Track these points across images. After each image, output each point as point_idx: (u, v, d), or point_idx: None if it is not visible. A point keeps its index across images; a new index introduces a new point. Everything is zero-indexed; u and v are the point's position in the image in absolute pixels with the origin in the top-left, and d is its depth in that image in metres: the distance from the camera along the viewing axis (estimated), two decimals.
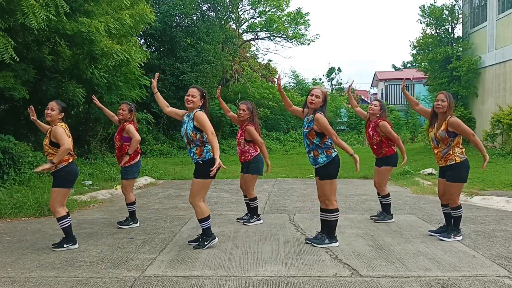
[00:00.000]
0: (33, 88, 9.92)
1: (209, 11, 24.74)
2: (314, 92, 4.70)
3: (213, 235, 4.82)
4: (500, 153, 12.84)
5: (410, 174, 10.88)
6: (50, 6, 7.49)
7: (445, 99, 4.80)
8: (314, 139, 4.66)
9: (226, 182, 10.68)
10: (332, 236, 4.81)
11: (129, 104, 5.97)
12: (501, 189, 8.18)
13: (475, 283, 3.65)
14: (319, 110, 4.65)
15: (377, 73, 38.98)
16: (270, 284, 3.67)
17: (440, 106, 4.82)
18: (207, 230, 4.76)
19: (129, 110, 5.89)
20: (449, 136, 4.79)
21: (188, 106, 4.66)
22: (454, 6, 16.80)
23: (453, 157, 4.80)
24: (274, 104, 26.01)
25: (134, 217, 5.98)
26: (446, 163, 4.87)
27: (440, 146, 4.90)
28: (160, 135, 20.28)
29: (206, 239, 4.75)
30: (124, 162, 5.75)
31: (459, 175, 4.84)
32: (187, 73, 20.03)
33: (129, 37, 11.30)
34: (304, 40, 28.90)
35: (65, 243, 4.80)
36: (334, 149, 4.75)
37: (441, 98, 4.84)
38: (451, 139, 4.79)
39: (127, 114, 5.87)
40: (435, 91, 17.60)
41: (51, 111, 4.76)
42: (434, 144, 4.96)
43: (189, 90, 4.70)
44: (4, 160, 8.08)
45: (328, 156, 4.67)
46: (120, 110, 5.89)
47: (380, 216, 6.05)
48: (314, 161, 4.75)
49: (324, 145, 4.66)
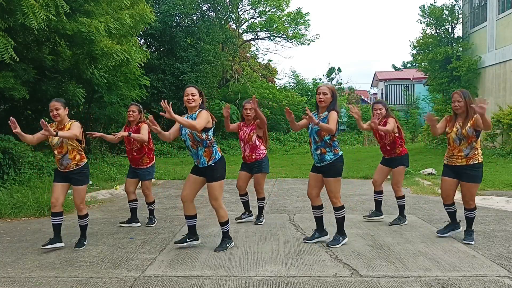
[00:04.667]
0: (33, 88, 9.92)
1: (209, 11, 24.74)
2: (321, 90, 4.69)
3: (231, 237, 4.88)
4: (500, 153, 12.84)
5: (410, 174, 10.87)
6: (50, 6, 7.49)
7: (460, 99, 4.73)
8: (325, 137, 4.65)
9: (226, 182, 10.60)
10: (343, 233, 4.89)
11: (137, 105, 5.92)
12: (501, 189, 8.17)
13: (475, 283, 3.65)
14: (331, 107, 4.65)
15: (377, 73, 38.96)
16: (270, 284, 3.67)
17: (458, 106, 4.75)
18: (228, 233, 4.79)
19: (138, 111, 5.86)
20: (475, 134, 4.71)
21: (190, 105, 4.52)
22: (454, 6, 16.79)
23: (477, 157, 4.74)
24: (274, 104, 26.01)
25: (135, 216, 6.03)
26: (468, 162, 4.74)
27: (462, 144, 4.75)
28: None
29: (229, 242, 4.78)
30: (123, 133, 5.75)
31: (480, 175, 4.81)
32: (187, 73, 20.02)
33: (129, 37, 11.28)
34: (304, 40, 28.91)
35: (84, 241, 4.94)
36: (339, 148, 4.80)
37: (456, 99, 4.77)
38: (475, 139, 4.71)
39: (137, 115, 5.83)
40: (435, 91, 17.61)
41: (57, 111, 4.69)
42: (457, 143, 4.79)
43: (187, 90, 4.55)
44: (4, 160, 8.08)
45: (335, 154, 4.70)
46: (130, 112, 5.83)
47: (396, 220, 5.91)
48: (320, 158, 4.73)
49: (333, 144, 4.68)
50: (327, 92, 4.66)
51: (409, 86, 34.69)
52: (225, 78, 27.22)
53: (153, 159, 5.99)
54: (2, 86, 8.48)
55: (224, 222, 4.69)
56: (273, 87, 29.11)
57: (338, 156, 4.72)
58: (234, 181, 10.16)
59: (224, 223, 4.70)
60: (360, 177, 11.31)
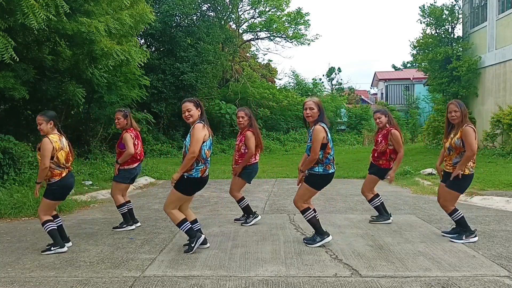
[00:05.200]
0: (33, 88, 9.93)
1: (209, 11, 24.76)
2: (307, 105, 4.69)
3: (197, 233, 4.69)
4: (500, 153, 12.84)
5: (410, 174, 10.88)
6: (50, 6, 7.49)
7: (457, 109, 4.77)
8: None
9: (226, 182, 10.67)
10: (321, 232, 4.79)
11: (122, 111, 5.79)
12: (501, 189, 8.17)
13: (475, 283, 3.65)
14: (318, 120, 4.64)
15: (377, 73, 38.97)
16: (270, 284, 3.67)
17: (455, 117, 4.79)
18: (188, 231, 4.64)
19: (124, 116, 5.72)
20: (463, 146, 4.73)
21: (188, 122, 4.51)
22: (454, 6, 16.79)
23: (464, 168, 4.74)
24: (274, 104, 26.02)
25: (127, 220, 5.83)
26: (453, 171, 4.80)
27: (452, 154, 4.84)
28: (160, 135, 20.29)
29: (192, 241, 4.65)
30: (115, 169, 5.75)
31: (461, 186, 4.81)
32: (187, 73, 20.02)
33: (129, 37, 11.29)
34: (304, 40, 28.96)
35: (53, 246, 4.71)
36: (333, 166, 4.75)
37: (453, 109, 4.80)
38: (463, 150, 4.72)
39: (123, 121, 5.72)
40: (435, 91, 17.61)
41: (40, 125, 4.69)
42: (447, 153, 4.90)
43: (183, 106, 4.50)
44: (4, 160, 8.08)
45: (325, 169, 4.67)
46: (116, 120, 5.78)
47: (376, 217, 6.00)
48: (310, 168, 4.71)
49: (326, 160, 4.64)
50: (314, 107, 4.66)
51: (409, 86, 34.70)
52: (225, 78, 27.23)
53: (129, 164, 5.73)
54: (2, 86, 8.48)
55: (177, 224, 4.58)
56: (273, 87, 29.13)
57: (327, 172, 4.68)
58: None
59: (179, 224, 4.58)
60: (360, 177, 11.30)
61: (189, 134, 4.47)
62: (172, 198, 4.58)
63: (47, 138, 4.63)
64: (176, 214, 4.60)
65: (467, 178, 4.80)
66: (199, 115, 4.51)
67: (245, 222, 5.93)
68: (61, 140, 4.75)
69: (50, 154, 4.58)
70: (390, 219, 5.93)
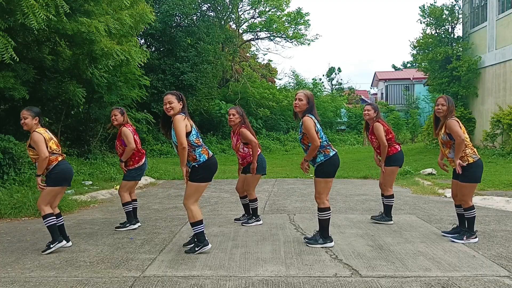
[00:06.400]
0: (33, 88, 9.92)
1: (209, 11, 24.78)
2: (297, 96, 4.72)
3: (206, 241, 4.64)
4: (500, 153, 12.85)
5: (410, 174, 10.88)
6: (50, 6, 7.49)
7: (444, 103, 4.82)
8: (309, 143, 4.65)
9: (226, 182, 10.68)
10: (325, 236, 4.78)
11: (119, 108, 5.88)
12: (501, 189, 8.18)
13: (475, 283, 3.65)
14: (306, 112, 4.65)
15: (377, 73, 38.98)
16: (270, 284, 3.67)
17: (440, 110, 4.84)
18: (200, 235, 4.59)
19: (121, 113, 5.78)
20: (450, 139, 4.79)
21: (169, 114, 4.46)
22: (454, 6, 16.80)
23: (466, 158, 4.76)
24: (274, 104, 26.03)
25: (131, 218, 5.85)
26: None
27: (445, 149, 4.92)
28: (160, 135, 20.27)
29: (199, 245, 4.59)
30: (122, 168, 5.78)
31: (472, 175, 4.80)
32: (187, 73, 20.03)
33: (129, 37, 11.29)
34: (304, 40, 28.96)
35: (51, 244, 4.69)
36: (332, 148, 4.75)
37: (441, 102, 4.86)
38: (452, 142, 4.78)
39: (120, 118, 5.76)
40: (435, 91, 17.61)
41: (24, 120, 4.71)
42: (442, 148, 5.00)
43: (164, 98, 4.46)
44: (4, 160, 8.08)
45: (325, 155, 4.68)
46: (112, 117, 5.79)
47: (378, 216, 6.02)
48: (313, 161, 4.76)
49: (320, 146, 4.65)
50: (303, 98, 4.66)
51: (409, 86, 34.71)
52: (225, 78, 27.24)
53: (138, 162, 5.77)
54: (2, 86, 8.48)
55: (193, 223, 4.53)
56: (273, 87, 29.15)
57: (329, 157, 4.68)
58: (234, 181, 10.18)
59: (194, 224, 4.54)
60: (360, 177, 11.31)
61: (172, 129, 4.42)
62: (192, 189, 4.49)
63: (35, 132, 4.68)
64: (195, 211, 4.52)
65: (475, 166, 4.77)
66: (180, 108, 4.46)
67: (246, 222, 5.93)
68: (47, 132, 4.85)
69: (44, 144, 4.64)
70: (392, 221, 5.92)
